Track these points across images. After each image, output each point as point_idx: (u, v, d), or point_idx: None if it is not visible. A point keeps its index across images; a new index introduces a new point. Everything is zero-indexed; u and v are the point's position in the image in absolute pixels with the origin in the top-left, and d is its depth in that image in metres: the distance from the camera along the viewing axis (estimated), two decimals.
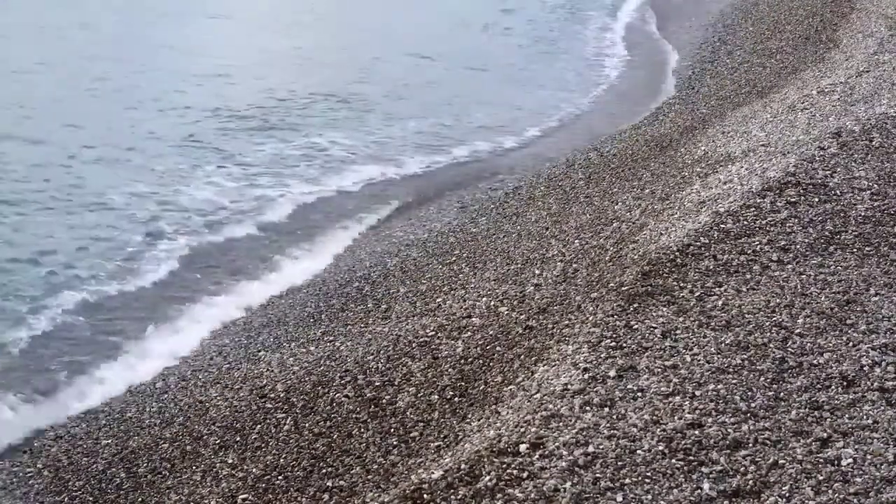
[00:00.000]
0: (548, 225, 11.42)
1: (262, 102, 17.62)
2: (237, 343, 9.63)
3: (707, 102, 16.46)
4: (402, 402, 7.61)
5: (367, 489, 6.59)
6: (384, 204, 13.80)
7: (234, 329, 10.07)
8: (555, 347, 7.15)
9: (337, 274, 11.25)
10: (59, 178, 13.62)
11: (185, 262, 11.56)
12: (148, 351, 9.59)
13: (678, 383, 6.19)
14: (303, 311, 10.17)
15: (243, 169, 14.60)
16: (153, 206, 13.04)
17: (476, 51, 21.82)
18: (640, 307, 7.22)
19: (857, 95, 12.71)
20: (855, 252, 8.05)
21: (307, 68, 19.99)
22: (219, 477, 7.39)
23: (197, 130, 15.89)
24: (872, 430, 5.73)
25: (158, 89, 17.89)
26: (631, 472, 5.39)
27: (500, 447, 5.72)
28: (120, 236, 11.93)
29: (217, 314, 10.34)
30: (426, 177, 15.04)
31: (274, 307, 10.59)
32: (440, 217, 12.79)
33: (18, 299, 10.26)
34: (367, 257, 11.62)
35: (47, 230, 12.01)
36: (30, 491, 7.59)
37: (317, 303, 10.34)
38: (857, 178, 9.48)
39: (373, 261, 11.41)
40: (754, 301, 7.24)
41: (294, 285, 11.07)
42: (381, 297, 10.14)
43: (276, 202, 13.45)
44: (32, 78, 18.16)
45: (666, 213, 9.73)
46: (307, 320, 9.89)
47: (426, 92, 18.75)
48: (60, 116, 16.02)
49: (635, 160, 13.45)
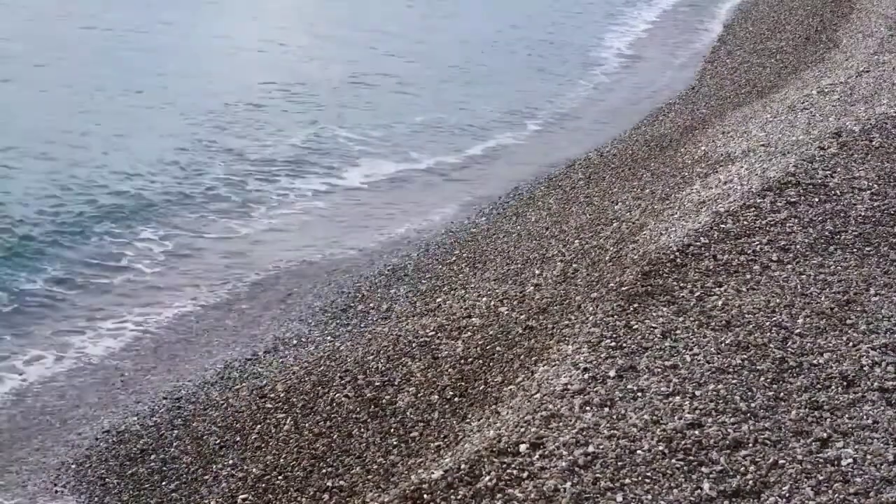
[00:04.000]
0: (548, 225, 11.42)
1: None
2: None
3: (707, 102, 16.46)
4: (402, 402, 7.61)
5: (367, 489, 6.59)
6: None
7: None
8: (555, 347, 7.15)
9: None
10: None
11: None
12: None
13: (678, 383, 6.19)
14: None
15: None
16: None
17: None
18: (640, 307, 7.22)
19: (857, 95, 12.72)
20: (855, 252, 8.06)
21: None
22: (219, 477, 7.39)
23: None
24: (872, 430, 5.73)
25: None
26: (631, 472, 5.39)
27: (500, 447, 5.72)
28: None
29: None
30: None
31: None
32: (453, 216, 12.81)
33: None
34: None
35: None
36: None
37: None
38: (857, 178, 9.48)
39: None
40: (754, 301, 7.24)
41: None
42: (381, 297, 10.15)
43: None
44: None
45: (666, 213, 9.73)
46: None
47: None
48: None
49: (635, 160, 13.45)
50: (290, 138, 15.59)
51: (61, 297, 10.52)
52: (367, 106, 17.60)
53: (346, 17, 24.27)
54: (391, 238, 12.37)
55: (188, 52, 20.03)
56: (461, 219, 12.68)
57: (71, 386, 9.08)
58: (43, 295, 10.44)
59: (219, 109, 16.50)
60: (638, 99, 18.82)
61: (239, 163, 14.53)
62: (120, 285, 10.94)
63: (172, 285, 11.02)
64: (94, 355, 9.59)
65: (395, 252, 11.62)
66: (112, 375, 9.28)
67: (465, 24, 24.50)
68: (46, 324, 10.00)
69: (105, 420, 8.45)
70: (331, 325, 9.63)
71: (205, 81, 18.10)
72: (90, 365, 9.43)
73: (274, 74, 18.74)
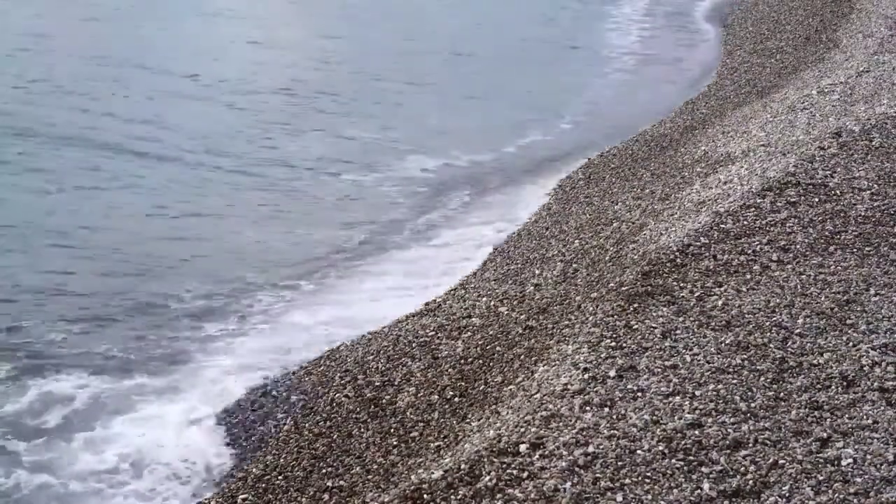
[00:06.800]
0: (548, 225, 11.42)
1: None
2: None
3: (707, 102, 16.46)
4: (402, 402, 7.61)
5: (367, 489, 6.59)
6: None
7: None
8: (555, 347, 7.15)
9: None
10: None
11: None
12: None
13: (678, 383, 6.19)
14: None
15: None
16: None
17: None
18: (640, 307, 7.22)
19: (857, 95, 12.71)
20: (855, 252, 8.06)
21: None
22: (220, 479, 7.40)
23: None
24: (872, 430, 5.73)
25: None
26: (631, 472, 5.39)
27: (500, 447, 5.72)
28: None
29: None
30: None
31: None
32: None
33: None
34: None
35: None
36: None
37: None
38: (857, 178, 9.48)
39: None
40: (754, 301, 7.24)
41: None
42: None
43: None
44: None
45: (666, 213, 9.73)
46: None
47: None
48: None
49: (635, 160, 13.45)
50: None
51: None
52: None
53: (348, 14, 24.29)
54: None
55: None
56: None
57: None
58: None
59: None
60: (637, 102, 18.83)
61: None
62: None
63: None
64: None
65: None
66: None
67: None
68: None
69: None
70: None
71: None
72: None
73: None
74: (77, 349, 9.17)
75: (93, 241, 11.37)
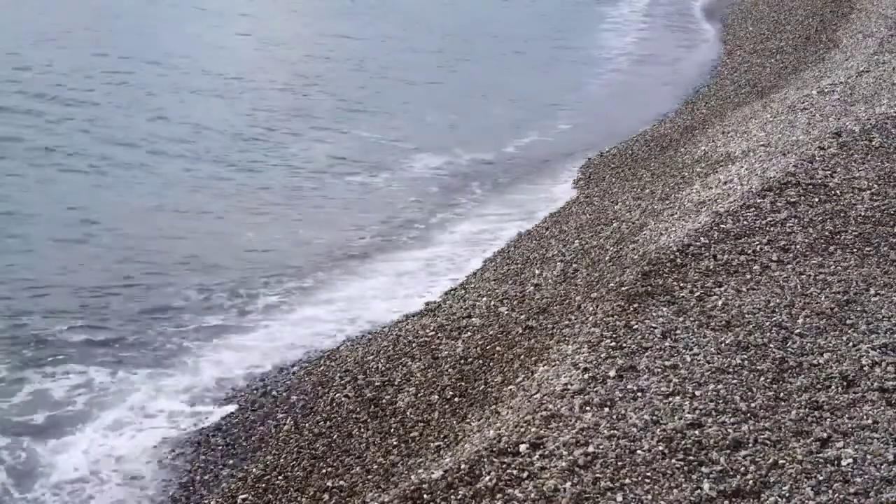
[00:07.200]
0: (548, 225, 11.43)
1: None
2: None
3: (707, 102, 16.46)
4: (402, 402, 7.61)
5: (367, 489, 6.59)
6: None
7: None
8: (555, 347, 7.15)
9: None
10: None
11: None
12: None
13: (678, 383, 6.19)
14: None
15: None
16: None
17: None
18: (640, 307, 7.22)
19: (857, 95, 12.72)
20: (855, 252, 8.06)
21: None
22: (220, 479, 7.40)
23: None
24: (872, 430, 5.73)
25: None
26: (631, 472, 5.39)
27: (500, 447, 5.72)
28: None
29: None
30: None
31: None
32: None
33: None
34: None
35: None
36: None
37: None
38: (857, 178, 9.48)
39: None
40: (754, 301, 7.24)
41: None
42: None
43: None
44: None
45: (666, 213, 9.73)
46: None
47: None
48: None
49: (635, 160, 13.45)
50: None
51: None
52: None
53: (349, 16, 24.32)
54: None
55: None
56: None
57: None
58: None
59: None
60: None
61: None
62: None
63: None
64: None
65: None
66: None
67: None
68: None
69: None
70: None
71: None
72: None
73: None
74: (76, 344, 9.18)
75: (95, 237, 11.38)
